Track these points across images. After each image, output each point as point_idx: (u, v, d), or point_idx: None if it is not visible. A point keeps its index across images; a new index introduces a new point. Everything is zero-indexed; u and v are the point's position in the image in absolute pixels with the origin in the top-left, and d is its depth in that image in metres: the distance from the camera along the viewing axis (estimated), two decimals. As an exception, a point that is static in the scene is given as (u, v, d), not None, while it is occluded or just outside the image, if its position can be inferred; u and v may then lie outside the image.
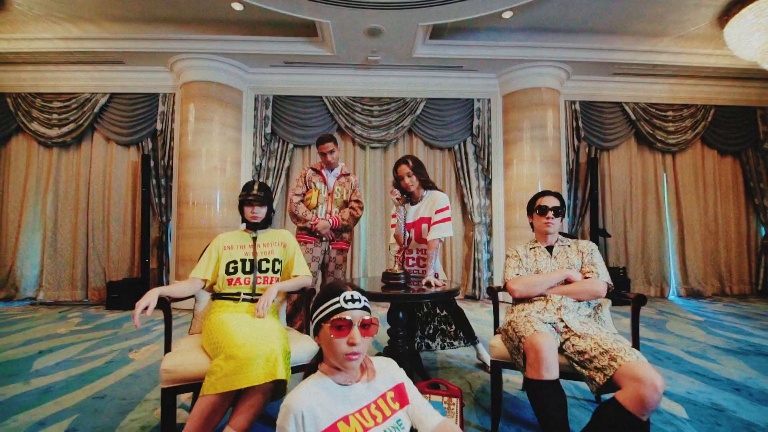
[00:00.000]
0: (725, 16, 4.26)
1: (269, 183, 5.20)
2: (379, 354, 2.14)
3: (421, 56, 4.73)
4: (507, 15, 4.16)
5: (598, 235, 5.19)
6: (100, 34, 4.54)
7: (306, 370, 1.05)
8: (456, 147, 5.41)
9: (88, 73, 5.15)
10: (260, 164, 5.21)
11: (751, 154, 5.88)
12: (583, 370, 1.38)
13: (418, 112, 5.30)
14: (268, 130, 5.21)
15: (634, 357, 1.27)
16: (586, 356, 1.38)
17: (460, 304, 4.88)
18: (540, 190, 1.94)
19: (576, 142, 5.50)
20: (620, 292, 1.73)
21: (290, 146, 5.28)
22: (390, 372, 1.06)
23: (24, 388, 2.21)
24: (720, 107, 5.77)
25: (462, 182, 5.36)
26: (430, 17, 3.91)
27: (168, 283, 5.06)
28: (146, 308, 1.40)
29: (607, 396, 1.35)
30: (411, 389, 1.06)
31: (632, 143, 5.73)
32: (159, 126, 5.16)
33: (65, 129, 5.19)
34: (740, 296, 5.63)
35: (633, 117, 5.57)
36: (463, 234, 5.48)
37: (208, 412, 1.24)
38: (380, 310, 4.15)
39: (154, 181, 5.11)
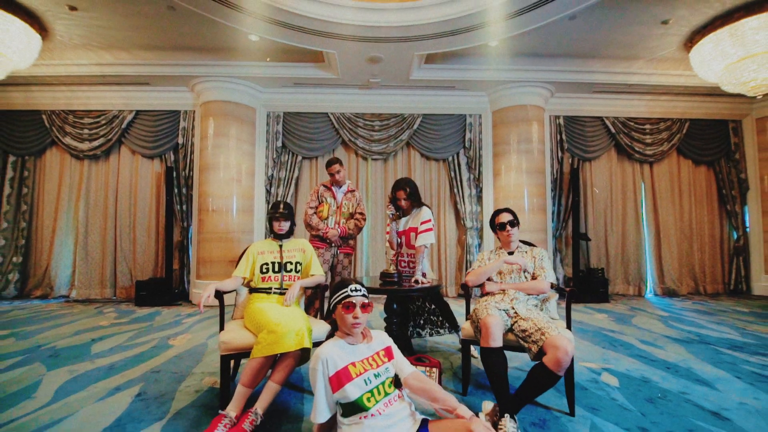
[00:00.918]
0: (689, 42, 4.76)
1: (280, 192, 5.73)
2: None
3: (417, 78, 5.26)
4: (493, 44, 4.66)
5: (579, 239, 5.70)
6: (130, 60, 5.09)
7: (326, 338, 1.57)
8: (450, 158, 5.92)
9: (116, 92, 5.70)
10: (272, 174, 5.75)
11: (723, 163, 6.36)
12: (525, 343, 1.90)
13: (415, 126, 5.83)
14: (279, 143, 5.74)
15: (556, 332, 1.79)
16: (527, 333, 1.89)
17: (453, 301, 5.43)
18: (498, 208, 2.45)
19: (560, 154, 6.01)
20: (560, 287, 2.24)
21: (299, 158, 5.81)
22: (382, 338, 1.58)
23: (91, 366, 2.75)
24: (694, 120, 6.26)
25: (455, 190, 5.88)
26: (424, 48, 4.43)
27: (189, 283, 5.61)
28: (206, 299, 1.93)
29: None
30: (396, 350, 1.58)
31: (612, 154, 6.23)
32: (180, 140, 5.71)
33: (95, 143, 5.74)
34: (713, 295, 6.10)
35: (613, 130, 6.07)
36: (457, 238, 6.00)
37: (256, 370, 1.77)
38: (379, 306, 4.66)
39: (176, 190, 5.65)
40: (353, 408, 1.36)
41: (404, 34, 4.10)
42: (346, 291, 1.49)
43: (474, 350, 2.45)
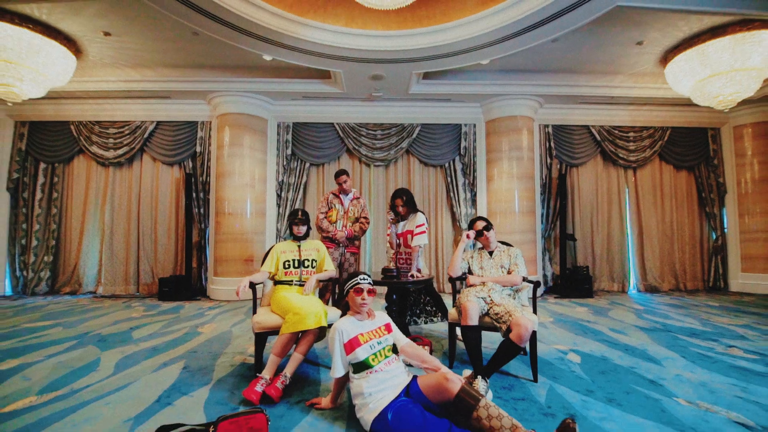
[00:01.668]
0: (663, 60, 5.22)
1: (290, 196, 6.23)
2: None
3: (416, 93, 5.74)
4: (485, 62, 5.11)
5: (566, 239, 6.16)
6: (154, 77, 5.59)
7: (341, 316, 2.05)
8: (446, 164, 6.40)
9: (139, 104, 6.20)
10: (282, 180, 6.24)
11: (703, 168, 6.81)
12: (497, 324, 2.38)
13: (414, 135, 6.31)
14: (289, 151, 6.24)
15: (520, 314, 2.26)
16: (499, 315, 2.37)
17: (449, 296, 5.89)
18: (472, 218, 2.94)
19: (549, 160, 6.47)
20: (526, 279, 2.71)
21: (307, 165, 6.31)
22: (383, 317, 2.07)
23: (137, 348, 3.23)
24: (675, 128, 6.70)
25: (451, 194, 6.36)
26: (420, 68, 4.92)
27: (207, 280, 6.10)
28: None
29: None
30: (394, 326, 2.06)
31: (598, 160, 6.69)
32: (198, 149, 6.21)
33: (120, 151, 6.25)
34: (692, 291, 6.54)
35: (598, 138, 6.53)
36: (453, 238, 6.47)
37: (284, 343, 2.26)
38: (380, 300, 5.14)
39: (194, 194, 6.14)
40: (362, 366, 1.84)
41: (403, 57, 4.58)
42: (357, 279, 1.98)
43: (459, 333, 2.91)
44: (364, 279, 1.98)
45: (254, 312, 2.55)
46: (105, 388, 2.36)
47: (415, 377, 1.85)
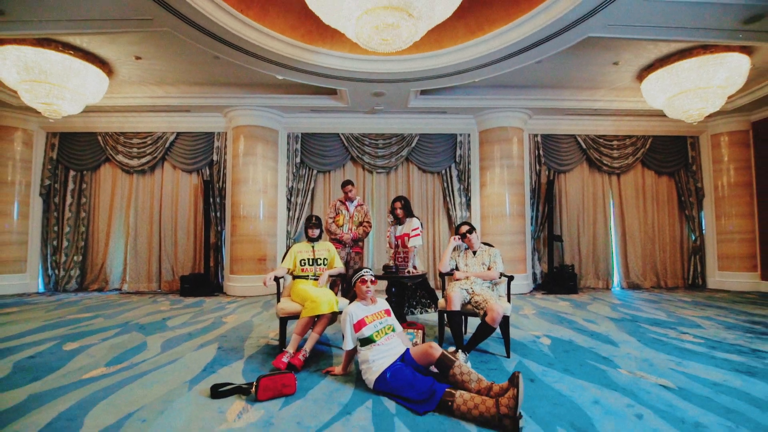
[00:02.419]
0: (639, 78, 5.73)
1: (298, 201, 6.78)
2: (381, 313, 3.68)
3: (415, 106, 6.29)
4: (477, 79, 5.65)
5: (553, 240, 6.69)
6: (176, 94, 6.15)
7: (349, 303, 2.60)
8: (443, 171, 6.94)
9: (161, 117, 6.77)
10: (292, 186, 6.80)
11: (682, 174, 7.31)
12: (477, 310, 2.92)
13: (413, 144, 6.85)
14: (298, 160, 6.79)
15: (494, 302, 2.80)
16: (478, 303, 2.91)
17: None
18: (458, 223, 3.47)
19: (538, 167, 7.00)
20: (503, 274, 3.25)
21: (314, 172, 6.86)
22: (383, 303, 2.62)
23: (173, 334, 3.79)
24: (656, 137, 7.21)
25: (448, 199, 6.89)
26: (418, 86, 5.46)
27: (224, 278, 6.67)
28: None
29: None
30: (392, 312, 2.61)
31: (584, 167, 7.21)
32: (215, 157, 6.77)
33: (143, 160, 6.83)
34: (672, 289, 7.04)
35: (584, 146, 7.05)
36: (449, 239, 6.99)
37: (304, 324, 2.80)
38: (382, 294, 5.67)
39: (211, 199, 6.70)
40: (367, 341, 2.39)
41: (402, 78, 5.12)
42: (362, 272, 2.53)
43: (446, 319, 3.45)
44: (367, 272, 2.53)
45: (278, 301, 3.10)
46: (158, 362, 2.91)
47: (407, 348, 2.40)
